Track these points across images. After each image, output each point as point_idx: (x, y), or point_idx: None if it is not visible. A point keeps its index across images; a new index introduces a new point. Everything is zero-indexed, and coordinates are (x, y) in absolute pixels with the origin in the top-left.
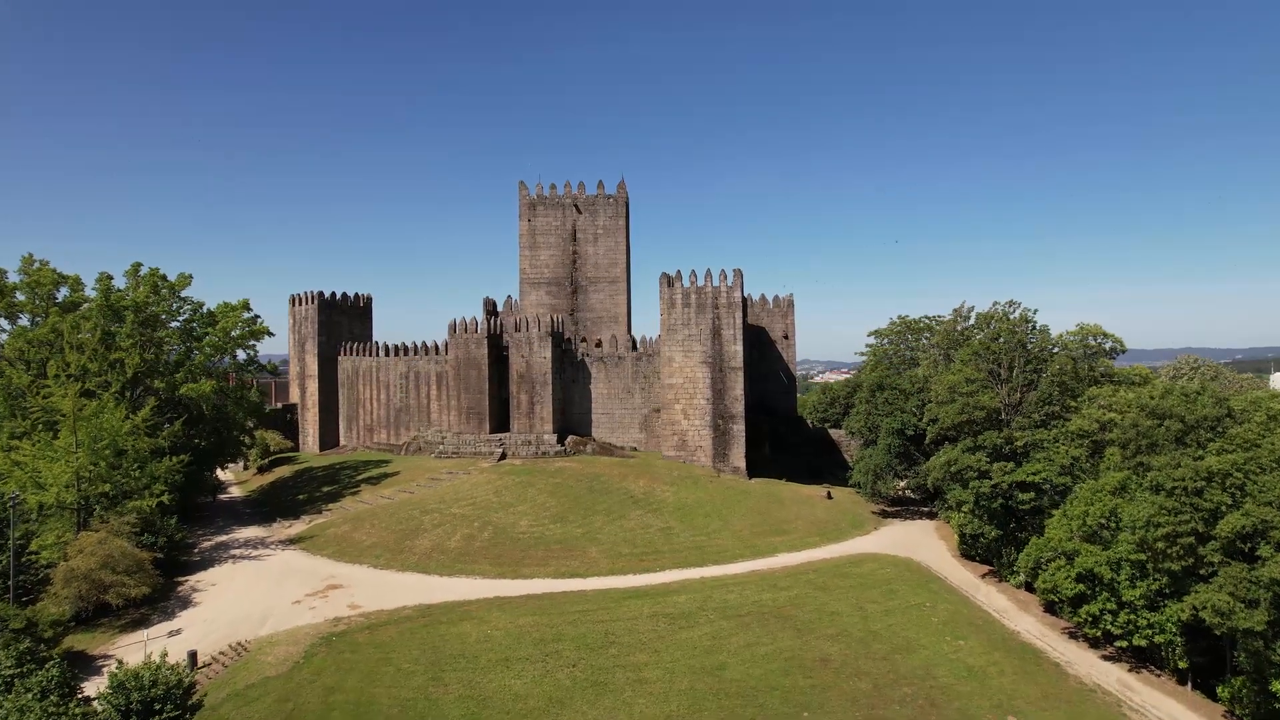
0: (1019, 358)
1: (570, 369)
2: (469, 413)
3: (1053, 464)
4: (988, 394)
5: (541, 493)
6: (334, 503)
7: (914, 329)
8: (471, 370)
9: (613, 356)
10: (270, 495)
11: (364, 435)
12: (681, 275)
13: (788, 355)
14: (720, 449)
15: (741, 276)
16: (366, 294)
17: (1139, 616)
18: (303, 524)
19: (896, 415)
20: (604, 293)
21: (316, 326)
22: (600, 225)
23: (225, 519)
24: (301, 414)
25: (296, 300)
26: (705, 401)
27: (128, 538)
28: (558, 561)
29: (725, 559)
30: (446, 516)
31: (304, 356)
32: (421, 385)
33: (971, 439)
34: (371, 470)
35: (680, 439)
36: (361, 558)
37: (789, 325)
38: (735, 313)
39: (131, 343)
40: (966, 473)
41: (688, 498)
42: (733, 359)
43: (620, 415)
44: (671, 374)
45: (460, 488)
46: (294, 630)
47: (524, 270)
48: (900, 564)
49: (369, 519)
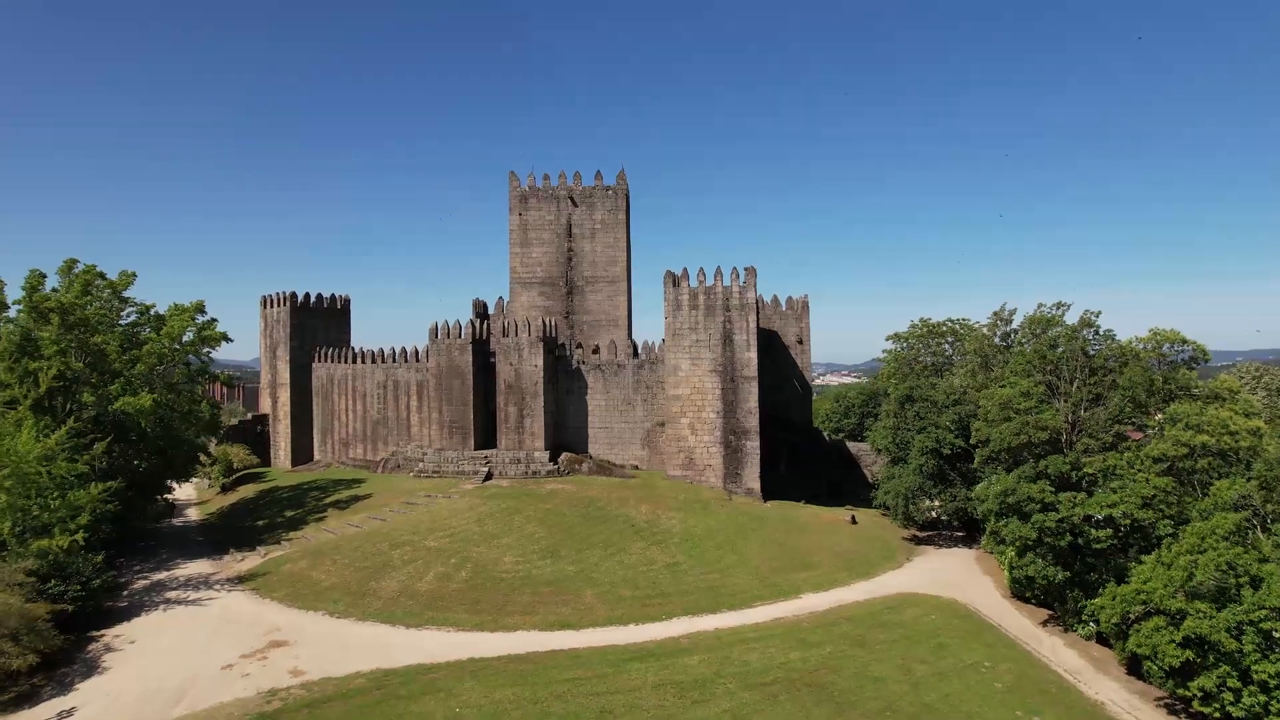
0: (1081, 368)
1: (565, 378)
2: (452, 427)
3: (1132, 495)
4: (1048, 411)
5: (530, 521)
6: (296, 531)
7: (937, 332)
8: (455, 380)
9: (612, 364)
10: (228, 520)
11: (339, 449)
12: (688, 274)
13: (802, 362)
14: (732, 468)
15: (755, 276)
16: (344, 295)
17: (1274, 699)
18: (257, 557)
19: (930, 432)
20: (602, 294)
21: (288, 330)
22: (598, 220)
23: (172, 549)
24: (273, 426)
25: (268, 302)
26: (715, 415)
27: (22, 590)
28: (547, 607)
29: (742, 602)
30: (420, 550)
31: (275, 363)
32: (401, 396)
33: (1031, 464)
34: (342, 491)
35: (687, 457)
36: (317, 603)
37: (804, 329)
38: (749, 316)
39: (55, 350)
40: (1027, 504)
41: (697, 526)
42: (746, 367)
43: (620, 430)
44: (677, 384)
45: (438, 514)
46: (214, 712)
47: (514, 269)
48: (945, 608)
49: (331, 553)
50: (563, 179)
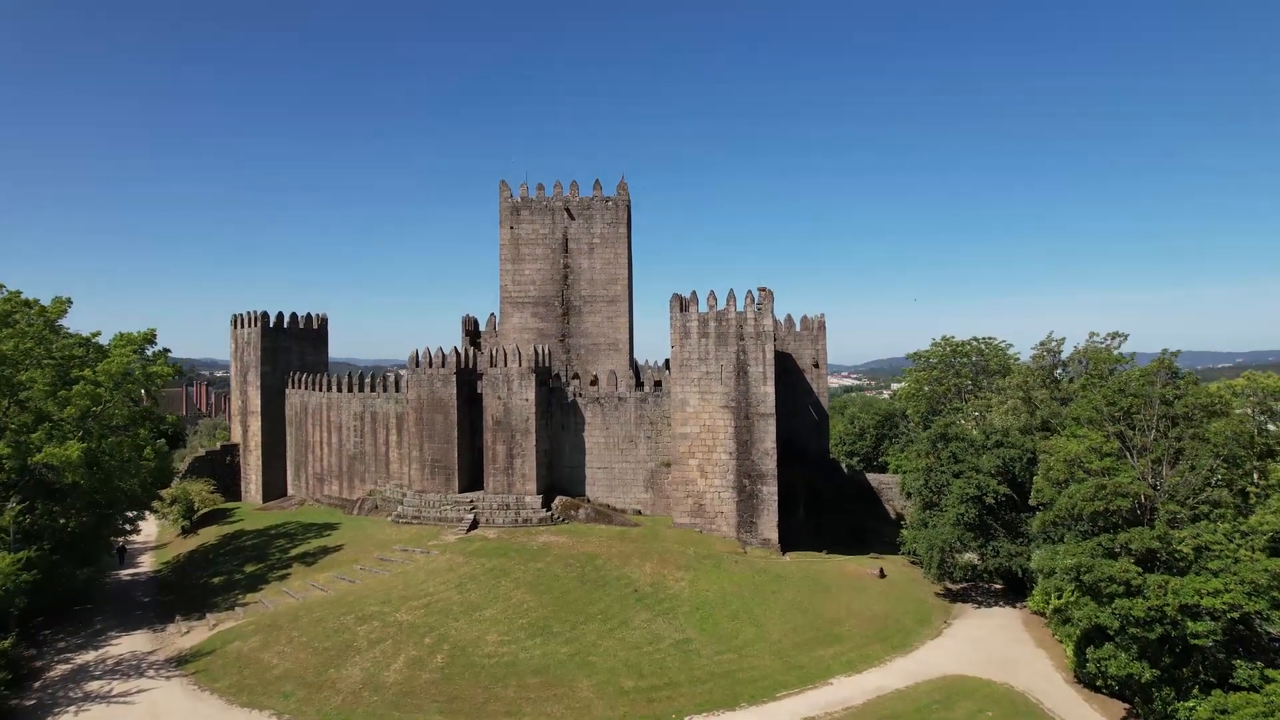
0: (1159, 418)
1: (559, 412)
2: (433, 466)
3: (1237, 581)
4: (1126, 472)
5: (519, 586)
6: (254, 592)
7: (961, 352)
8: (437, 414)
9: (611, 397)
10: (182, 573)
11: (313, 485)
12: (697, 298)
13: (819, 387)
14: (746, 516)
15: (772, 299)
16: (321, 314)
17: None
18: (205, 629)
19: (970, 477)
20: (601, 314)
21: (260, 354)
22: (597, 233)
23: (110, 615)
24: (243, 456)
25: (238, 321)
26: (727, 456)
27: None
28: (534, 706)
29: (764, 691)
30: (390, 626)
31: (246, 389)
32: (379, 429)
33: (1109, 535)
34: (311, 540)
35: (696, 503)
36: (265, 697)
37: (819, 351)
38: (765, 345)
39: None
40: (1106, 585)
41: (708, 589)
42: (762, 403)
43: (621, 470)
44: (685, 421)
45: (414, 577)
46: None
47: (505, 287)
48: (1003, 699)
49: (289, 626)
50: (558, 189)
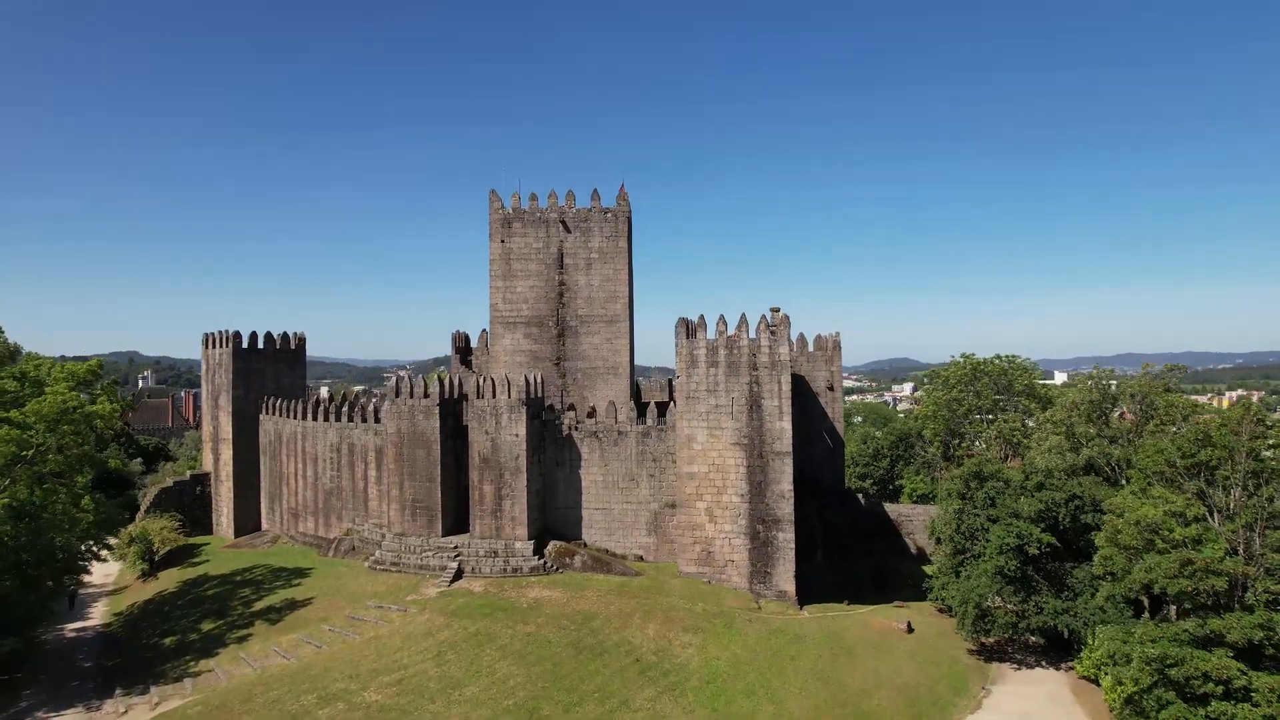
0: (1248, 474)
1: (553, 447)
2: (414, 507)
3: None
4: (1215, 543)
5: (505, 656)
6: (209, 658)
7: (984, 371)
8: (418, 450)
9: (610, 431)
10: (134, 629)
11: (288, 521)
12: (705, 322)
13: (833, 411)
14: (760, 565)
15: (788, 325)
16: (299, 333)
17: None
18: (145, 708)
19: (1010, 524)
20: (599, 335)
21: (231, 376)
22: (595, 247)
23: (41, 688)
24: (214, 486)
25: (209, 341)
26: (739, 499)
27: None
28: None
29: None
30: (356, 710)
31: (217, 414)
32: (357, 462)
33: (1198, 621)
34: (279, 589)
35: (704, 550)
36: None
37: (834, 373)
38: (781, 376)
39: None
40: (1199, 683)
41: (720, 656)
42: (777, 440)
43: (621, 511)
44: (692, 459)
45: (388, 643)
46: None
47: (495, 306)
48: None
49: (241, 708)
50: (553, 199)
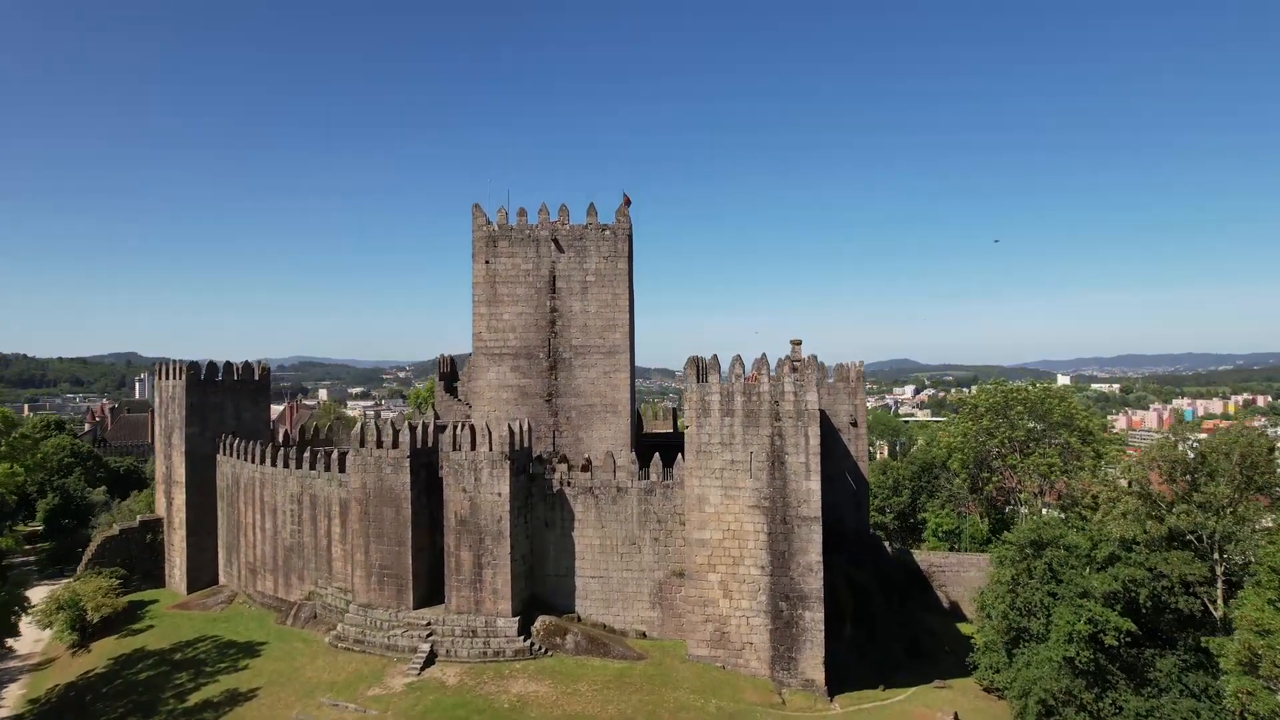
0: None
1: (542, 505)
2: (381, 574)
3: None
4: None
5: None
6: None
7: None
8: (386, 508)
9: (609, 487)
10: None
11: (246, 577)
12: (719, 363)
13: (857, 449)
14: (783, 649)
15: (816, 368)
16: (261, 362)
17: None
18: None
19: (1080, 608)
20: (596, 369)
21: (185, 412)
22: (591, 269)
23: None
24: (167, 534)
25: (162, 371)
26: (758, 572)
27: None
28: None
29: None
30: None
31: (170, 453)
32: (319, 517)
33: None
34: (223, 673)
35: (717, 630)
36: None
37: (858, 407)
38: (809, 428)
39: None
40: None
41: None
42: (804, 503)
43: (621, 580)
44: (703, 523)
45: None
46: None
47: (479, 335)
48: None
49: None
50: (544, 214)
